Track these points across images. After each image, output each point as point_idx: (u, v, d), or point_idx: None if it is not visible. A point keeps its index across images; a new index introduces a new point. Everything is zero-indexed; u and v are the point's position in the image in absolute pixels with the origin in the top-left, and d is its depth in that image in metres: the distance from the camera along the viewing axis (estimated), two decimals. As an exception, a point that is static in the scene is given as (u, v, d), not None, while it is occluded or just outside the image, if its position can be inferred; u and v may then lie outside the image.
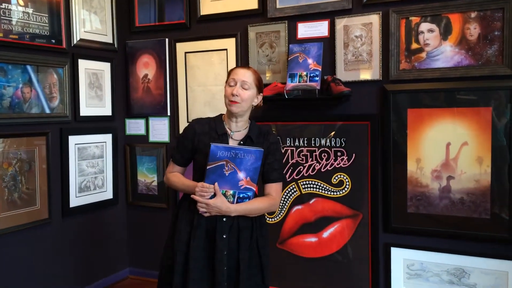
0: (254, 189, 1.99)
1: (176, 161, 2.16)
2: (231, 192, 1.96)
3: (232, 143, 2.06)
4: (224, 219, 1.98)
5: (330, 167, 2.95)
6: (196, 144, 2.07)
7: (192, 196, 1.95)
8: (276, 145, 2.11)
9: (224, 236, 1.97)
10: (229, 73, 2.10)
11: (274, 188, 2.08)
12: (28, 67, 2.91)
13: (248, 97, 2.04)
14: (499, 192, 2.55)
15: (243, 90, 2.02)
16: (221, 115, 2.15)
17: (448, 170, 2.65)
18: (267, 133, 2.13)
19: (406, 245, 2.79)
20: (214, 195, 1.94)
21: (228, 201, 1.95)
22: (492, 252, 2.60)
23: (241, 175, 1.94)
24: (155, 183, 3.58)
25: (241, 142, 2.06)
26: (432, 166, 2.69)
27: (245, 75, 2.04)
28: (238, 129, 2.09)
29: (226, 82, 2.09)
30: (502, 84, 2.51)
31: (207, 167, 1.91)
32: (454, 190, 2.64)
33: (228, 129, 2.08)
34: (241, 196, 1.97)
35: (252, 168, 1.94)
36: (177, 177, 2.13)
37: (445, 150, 2.65)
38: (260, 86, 2.11)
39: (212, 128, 2.08)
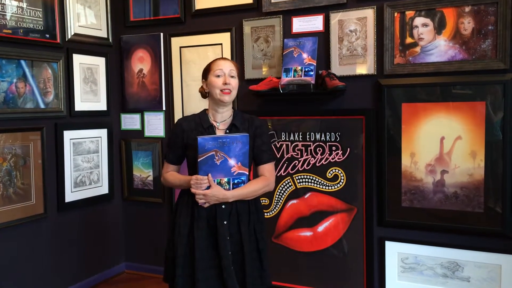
0: (247, 173, 2.07)
1: (169, 160, 2.24)
2: (226, 179, 2.03)
3: (219, 133, 2.13)
4: (223, 206, 2.05)
5: (325, 161, 2.96)
6: (186, 141, 2.15)
7: (191, 189, 2.02)
8: (261, 128, 2.19)
9: (225, 222, 2.05)
10: (211, 66, 2.16)
11: (266, 169, 2.18)
12: (22, 62, 2.90)
13: (236, 85, 2.15)
14: (493, 186, 2.56)
15: (232, 78, 2.12)
16: (204, 110, 2.23)
17: (442, 164, 2.66)
18: (251, 118, 2.22)
19: (401, 238, 2.81)
20: (210, 186, 2.01)
21: (224, 188, 2.03)
22: (485, 246, 2.62)
23: (232, 161, 2.01)
24: (150, 178, 3.58)
25: (227, 131, 2.14)
26: (426, 160, 2.70)
27: (231, 65, 2.15)
28: (223, 119, 2.17)
29: (209, 74, 2.15)
30: (496, 78, 2.52)
31: (198, 160, 1.98)
32: (448, 184, 2.65)
33: (213, 122, 2.16)
34: (235, 181, 2.04)
35: (241, 153, 2.01)
36: (173, 175, 2.21)
37: (439, 145, 2.66)
38: (239, 75, 2.23)
39: (198, 124, 2.15)
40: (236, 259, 2.05)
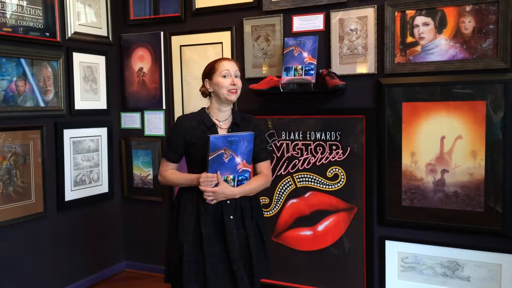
0: (250, 170, 2.14)
1: (169, 159, 2.24)
2: (232, 176, 2.09)
3: (220, 132, 2.17)
4: (228, 202, 2.11)
5: (325, 160, 2.96)
6: (188, 140, 2.16)
7: (200, 187, 2.04)
8: (259, 127, 2.29)
9: (231, 217, 2.11)
10: (216, 66, 2.19)
11: (264, 166, 2.27)
12: (22, 60, 2.90)
13: (241, 85, 2.20)
14: (493, 185, 2.56)
15: (237, 78, 2.18)
16: (203, 108, 2.25)
17: (443, 163, 2.66)
18: (249, 117, 2.30)
19: (401, 238, 2.80)
20: (217, 183, 2.06)
21: (229, 185, 2.08)
22: (485, 245, 2.62)
23: (238, 159, 2.07)
24: (150, 177, 3.58)
25: (229, 130, 2.19)
26: (426, 159, 2.69)
27: (236, 66, 2.21)
28: (225, 118, 2.21)
29: (214, 74, 2.17)
30: (497, 78, 2.52)
31: (209, 158, 2.01)
32: (448, 184, 2.65)
33: (216, 120, 2.19)
34: (240, 178, 2.11)
35: (247, 151, 2.08)
36: (174, 173, 2.22)
37: (439, 144, 2.66)
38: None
39: (200, 122, 2.18)
40: (243, 253, 2.11)
